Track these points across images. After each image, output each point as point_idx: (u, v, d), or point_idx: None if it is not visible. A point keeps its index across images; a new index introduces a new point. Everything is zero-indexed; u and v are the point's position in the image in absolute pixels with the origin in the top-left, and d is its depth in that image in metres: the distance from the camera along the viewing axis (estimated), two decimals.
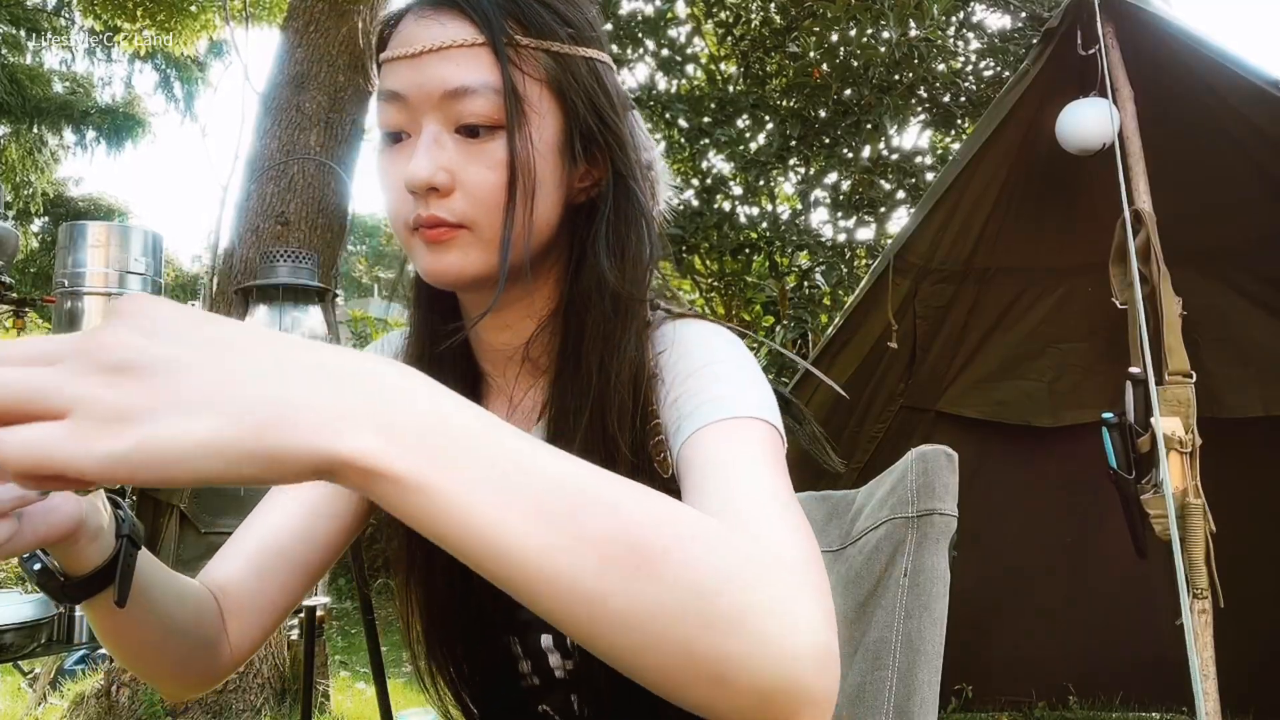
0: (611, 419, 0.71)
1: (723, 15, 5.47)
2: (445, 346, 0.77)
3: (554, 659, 0.79)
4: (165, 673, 0.73)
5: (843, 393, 2.17)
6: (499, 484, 0.40)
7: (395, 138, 0.71)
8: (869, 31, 4.46)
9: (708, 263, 5.55)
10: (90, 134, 12.79)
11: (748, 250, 5.26)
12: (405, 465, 0.38)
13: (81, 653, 4.48)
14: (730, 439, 0.64)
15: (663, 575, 0.41)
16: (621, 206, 0.74)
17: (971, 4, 5.12)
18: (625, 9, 5.07)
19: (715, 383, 0.68)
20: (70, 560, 0.62)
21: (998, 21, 5.13)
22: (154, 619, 0.69)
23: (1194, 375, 2.36)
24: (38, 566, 0.64)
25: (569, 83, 0.71)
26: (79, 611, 1.56)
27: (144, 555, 0.68)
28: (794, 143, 4.96)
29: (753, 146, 5.05)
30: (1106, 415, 2.45)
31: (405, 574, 0.81)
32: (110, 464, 0.36)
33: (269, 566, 0.77)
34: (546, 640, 0.79)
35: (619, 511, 0.42)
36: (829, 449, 0.90)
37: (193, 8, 7.06)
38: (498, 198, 0.68)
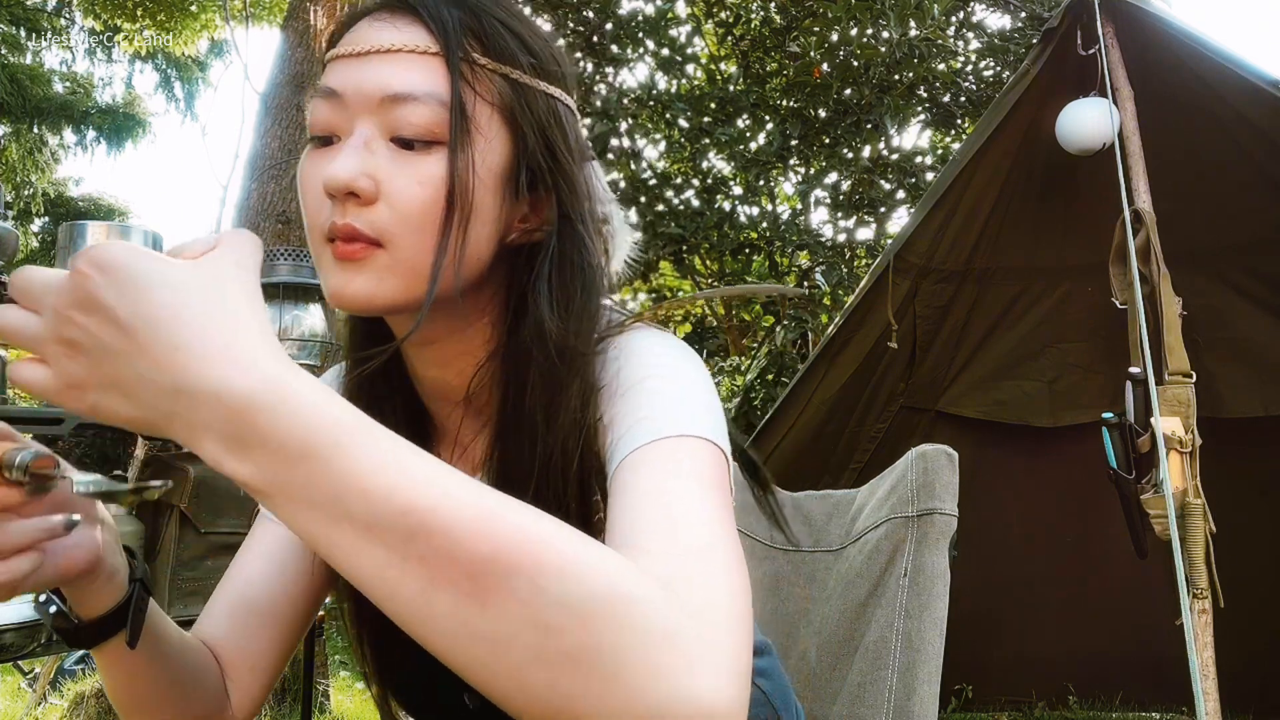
0: (557, 476, 0.67)
1: (723, 15, 5.47)
2: (364, 370, 0.73)
3: None
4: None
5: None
6: (333, 503, 0.42)
7: (325, 140, 0.66)
8: (869, 31, 4.46)
9: (708, 263, 5.55)
10: (90, 134, 12.78)
11: (748, 250, 5.26)
12: (246, 475, 0.43)
13: (81, 653, 4.48)
14: (655, 463, 0.58)
15: (496, 604, 0.41)
16: (566, 253, 0.69)
17: (971, 4, 5.12)
18: (625, 9, 5.07)
19: (647, 400, 0.63)
20: (85, 602, 0.64)
21: (998, 21, 5.13)
22: (161, 670, 0.69)
23: (1194, 375, 2.36)
24: (54, 609, 0.65)
25: (523, 112, 0.66)
26: None
27: (155, 608, 0.69)
28: (794, 143, 4.96)
29: (753, 146, 5.05)
30: (1106, 415, 2.45)
31: (350, 593, 0.78)
32: (78, 414, 0.45)
33: (255, 625, 0.76)
34: None
35: (459, 536, 0.42)
36: (784, 524, 0.88)
37: (193, 7, 7.06)
38: (422, 217, 0.62)
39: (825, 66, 4.64)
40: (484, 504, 0.43)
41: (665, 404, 0.62)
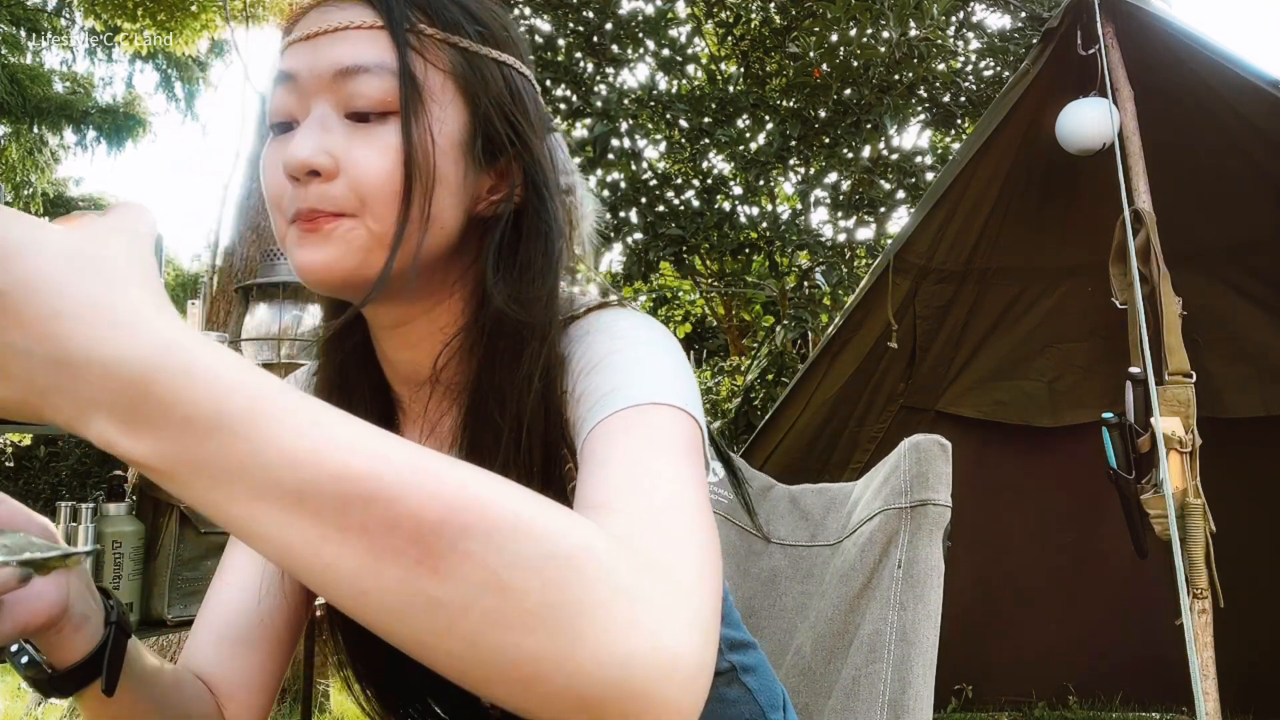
0: (524, 447, 0.66)
1: (723, 15, 5.47)
2: (323, 338, 0.73)
3: None
4: None
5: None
6: (253, 475, 0.38)
7: (285, 127, 0.67)
8: (869, 31, 4.46)
9: (708, 263, 5.55)
10: (90, 134, 12.78)
11: (748, 250, 5.25)
12: (145, 455, 0.38)
13: None
14: (621, 431, 0.57)
15: (449, 569, 0.38)
16: (528, 220, 0.69)
17: (971, 4, 5.12)
18: (625, 9, 5.07)
19: (612, 372, 0.62)
20: (57, 651, 0.60)
21: (998, 21, 5.13)
22: (148, 709, 0.66)
23: (1194, 375, 2.36)
24: (25, 660, 0.61)
25: (476, 80, 0.67)
26: None
27: (137, 647, 0.66)
28: (794, 143, 4.95)
29: (753, 146, 5.04)
30: (1106, 415, 2.45)
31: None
32: None
33: (241, 651, 0.74)
34: None
35: (401, 500, 0.39)
36: (752, 518, 0.88)
37: (193, 7, 7.06)
38: (385, 186, 0.63)
39: (825, 67, 4.64)
40: (426, 465, 0.40)
41: (634, 374, 0.62)
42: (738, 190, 5.29)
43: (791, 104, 4.98)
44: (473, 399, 0.70)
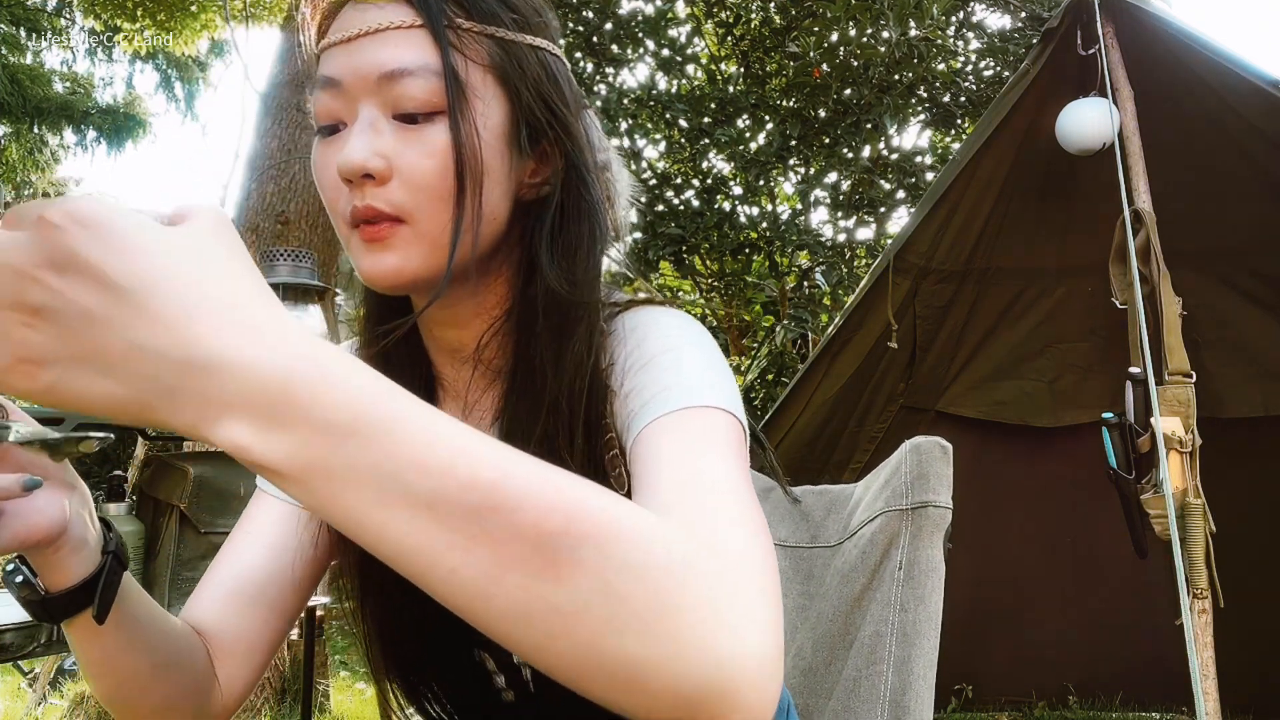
0: (562, 430, 0.68)
1: (723, 15, 5.47)
2: (386, 343, 0.74)
3: (527, 671, 0.77)
4: (148, 713, 0.68)
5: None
6: (386, 481, 0.39)
7: (332, 129, 0.68)
8: (869, 31, 4.46)
9: (708, 263, 5.55)
10: (91, 134, 12.77)
11: (748, 250, 5.25)
12: (278, 464, 0.38)
13: None
14: (679, 431, 0.60)
15: (568, 576, 0.40)
16: (572, 202, 0.71)
17: (971, 4, 5.12)
18: (625, 9, 5.07)
19: (666, 372, 0.65)
20: (52, 573, 0.61)
21: (998, 21, 5.13)
22: (138, 650, 0.66)
23: (1194, 375, 2.36)
24: (19, 579, 0.62)
25: (514, 70, 0.67)
26: None
27: (132, 585, 0.66)
28: (794, 143, 4.95)
29: (753, 146, 5.04)
30: (1106, 415, 2.45)
31: (359, 590, 0.78)
32: (27, 396, 0.38)
33: (246, 607, 0.74)
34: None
35: (524, 510, 0.40)
36: (783, 483, 0.88)
37: (193, 7, 7.06)
38: (436, 187, 0.64)
39: (825, 67, 4.63)
40: (547, 476, 0.42)
41: (684, 376, 0.64)
42: (738, 190, 5.29)
43: (791, 104, 4.98)
44: (515, 377, 0.71)
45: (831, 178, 5.18)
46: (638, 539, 0.42)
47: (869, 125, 4.78)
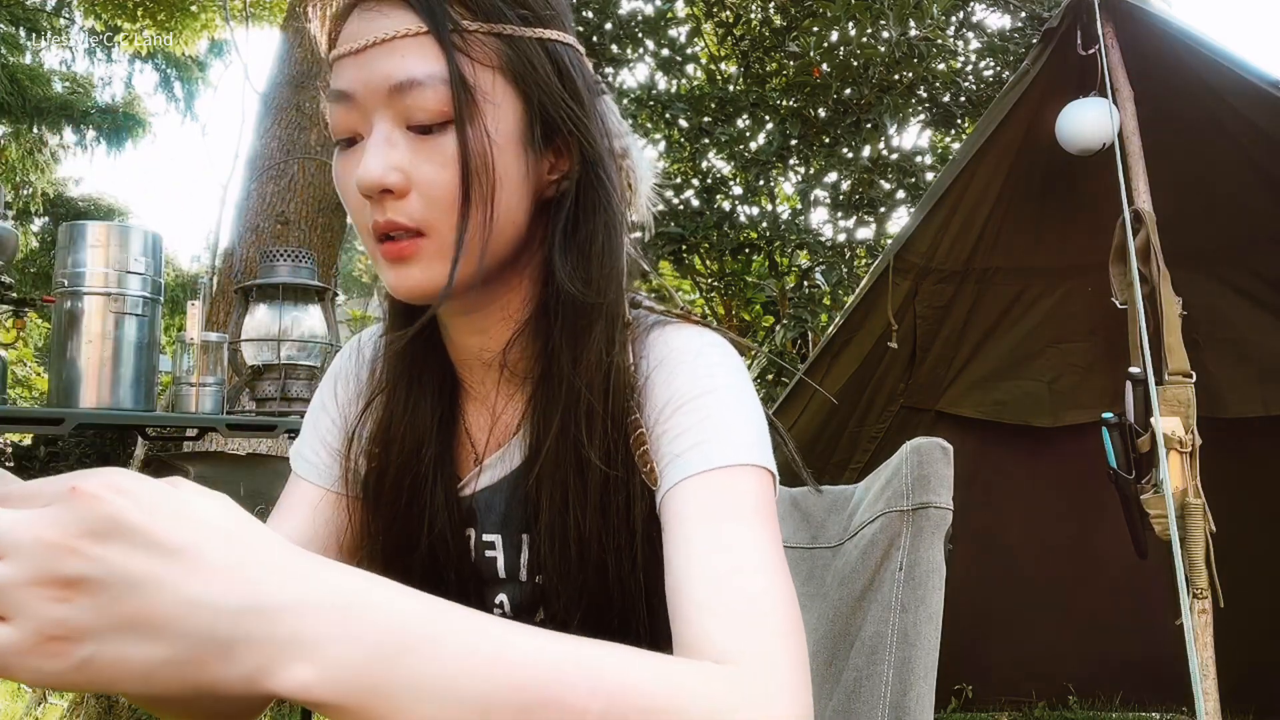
0: (581, 427, 0.67)
1: (723, 15, 5.47)
2: (398, 346, 0.74)
3: None
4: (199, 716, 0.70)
5: (833, 399, 2.16)
6: (441, 692, 0.41)
7: (350, 142, 0.68)
8: (869, 31, 4.46)
9: (708, 262, 5.55)
10: (90, 134, 12.75)
11: (748, 250, 5.25)
12: (341, 695, 0.39)
13: None
14: (717, 497, 0.61)
15: None
16: (588, 197, 0.70)
17: (971, 4, 5.12)
18: (625, 9, 5.07)
19: (706, 421, 0.64)
20: None
21: (998, 21, 5.12)
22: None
23: (1194, 375, 2.36)
24: None
25: (525, 68, 0.66)
26: None
27: None
28: (794, 142, 4.95)
29: (753, 146, 5.04)
30: (1106, 415, 2.45)
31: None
32: (46, 680, 0.37)
33: None
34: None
35: (572, 699, 0.42)
36: (806, 474, 0.89)
37: (193, 7, 7.05)
38: (453, 199, 0.64)
39: (825, 66, 4.63)
40: (586, 658, 0.44)
41: (724, 428, 0.64)
42: (737, 190, 5.29)
43: (791, 104, 4.98)
44: (540, 382, 0.71)
45: (831, 177, 5.18)
46: (671, 709, 0.44)
47: (869, 125, 4.78)
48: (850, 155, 5.07)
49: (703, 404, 0.65)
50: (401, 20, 0.64)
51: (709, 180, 5.26)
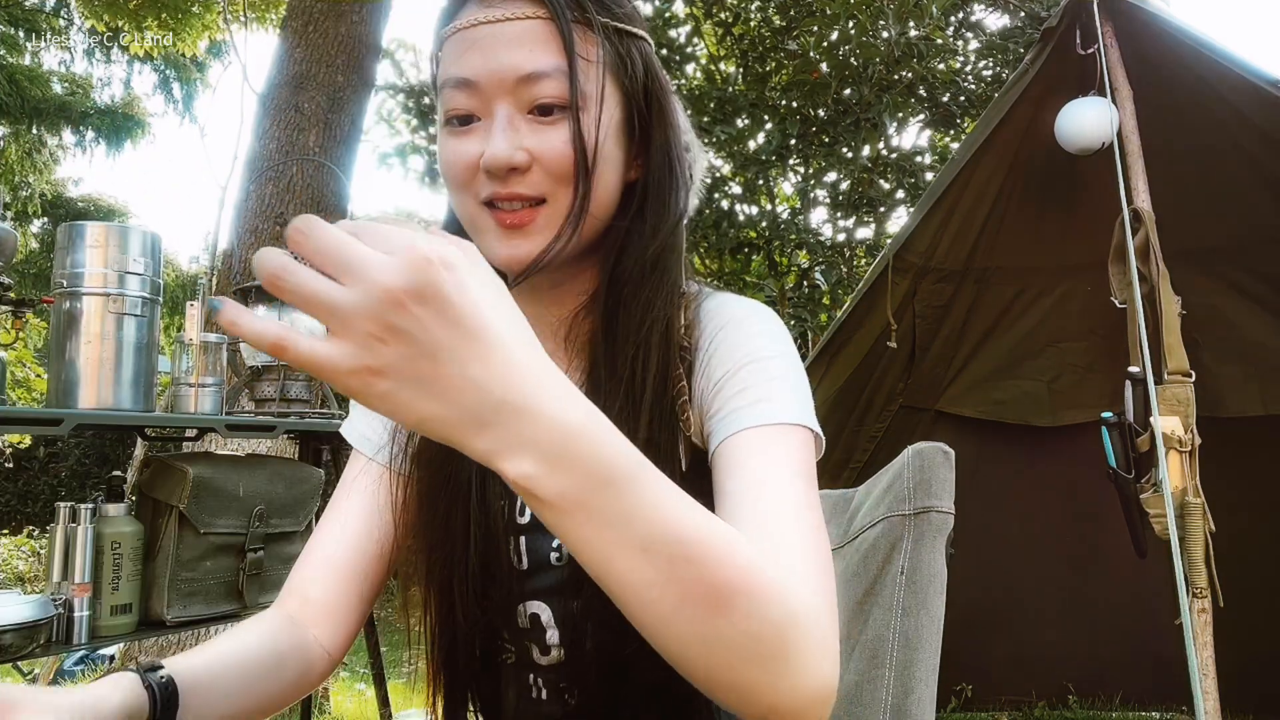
0: (639, 374, 0.74)
1: (722, 15, 5.47)
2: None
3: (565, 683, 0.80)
4: (270, 709, 0.74)
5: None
6: (624, 525, 0.47)
7: (464, 120, 0.73)
8: (868, 30, 4.46)
9: (707, 262, 5.55)
10: (89, 134, 12.76)
11: (747, 249, 5.26)
12: (554, 493, 0.46)
13: (81, 653, 4.48)
14: (771, 449, 0.67)
15: (725, 617, 0.50)
16: (660, 184, 0.77)
17: (971, 3, 5.12)
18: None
19: (766, 381, 0.70)
20: None
21: (997, 21, 5.13)
22: (239, 701, 0.70)
23: (1193, 375, 2.36)
24: None
25: (623, 64, 0.74)
26: (78, 612, 1.56)
27: (202, 663, 0.67)
28: (794, 142, 4.95)
29: (752, 145, 5.04)
30: (1106, 415, 2.45)
31: (425, 577, 0.82)
32: (351, 395, 0.44)
33: (338, 581, 0.81)
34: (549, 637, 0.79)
35: (707, 562, 0.49)
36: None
37: (194, 8, 7.05)
38: (570, 172, 0.71)
39: (825, 66, 4.63)
40: (722, 533, 0.51)
41: (777, 390, 0.70)
42: (737, 189, 5.29)
43: (791, 103, 4.98)
44: (599, 351, 0.77)
45: (831, 177, 5.18)
46: (780, 595, 0.52)
47: (869, 124, 4.78)
48: (850, 155, 5.08)
49: (761, 367, 0.71)
50: (523, 6, 0.70)
51: (709, 179, 5.26)
